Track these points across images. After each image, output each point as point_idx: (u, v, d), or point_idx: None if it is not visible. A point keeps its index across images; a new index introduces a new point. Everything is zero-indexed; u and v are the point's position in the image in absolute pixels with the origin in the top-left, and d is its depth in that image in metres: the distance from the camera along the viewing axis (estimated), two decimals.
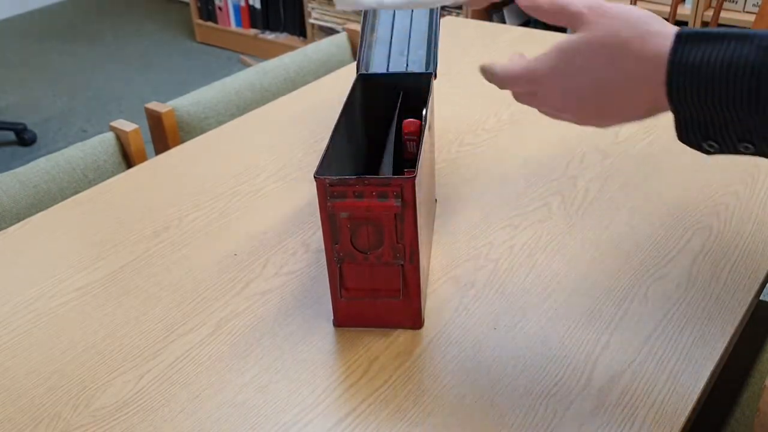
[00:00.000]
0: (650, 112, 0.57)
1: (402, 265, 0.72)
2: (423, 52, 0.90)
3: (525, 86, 0.62)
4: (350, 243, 0.70)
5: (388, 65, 0.89)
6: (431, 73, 0.87)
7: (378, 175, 0.82)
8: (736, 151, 0.54)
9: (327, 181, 0.68)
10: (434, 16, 0.92)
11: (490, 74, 0.64)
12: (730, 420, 0.92)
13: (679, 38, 0.52)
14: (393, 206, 0.68)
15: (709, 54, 0.50)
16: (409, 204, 0.68)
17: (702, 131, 0.54)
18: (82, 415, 0.68)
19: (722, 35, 0.51)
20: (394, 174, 0.79)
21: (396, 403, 0.68)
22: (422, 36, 0.92)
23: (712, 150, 0.55)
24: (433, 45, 0.90)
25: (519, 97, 0.64)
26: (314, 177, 0.68)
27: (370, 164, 0.92)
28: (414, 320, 0.76)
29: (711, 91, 0.51)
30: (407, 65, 0.89)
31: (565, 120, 0.62)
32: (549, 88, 0.60)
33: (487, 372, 0.70)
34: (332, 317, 0.77)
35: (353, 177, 0.67)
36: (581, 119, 0.60)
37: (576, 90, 0.58)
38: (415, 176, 0.67)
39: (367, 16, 0.96)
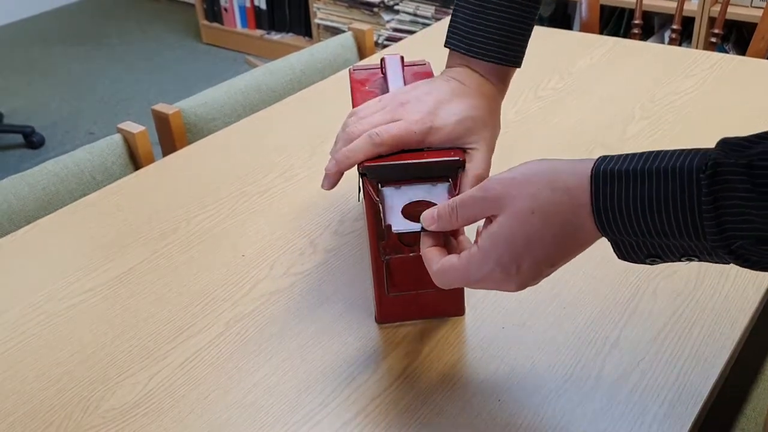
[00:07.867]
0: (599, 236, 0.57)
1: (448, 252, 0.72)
2: None
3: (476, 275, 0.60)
4: (397, 238, 0.71)
5: None
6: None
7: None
8: (680, 261, 0.55)
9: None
10: None
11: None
12: (740, 417, 0.91)
13: (594, 183, 0.53)
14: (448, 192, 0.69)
15: (625, 197, 0.52)
16: (458, 187, 0.70)
17: (643, 252, 0.55)
18: (92, 416, 0.69)
19: (631, 174, 0.52)
20: None
21: (405, 402, 0.68)
22: None
23: (655, 263, 0.56)
24: None
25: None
26: (360, 174, 0.69)
27: None
28: (457, 307, 0.76)
29: (639, 228, 0.53)
30: None
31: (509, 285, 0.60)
32: (498, 273, 0.58)
33: (495, 371, 0.70)
34: (374, 315, 0.77)
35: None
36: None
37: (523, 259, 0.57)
38: (463, 158, 0.68)
39: None
